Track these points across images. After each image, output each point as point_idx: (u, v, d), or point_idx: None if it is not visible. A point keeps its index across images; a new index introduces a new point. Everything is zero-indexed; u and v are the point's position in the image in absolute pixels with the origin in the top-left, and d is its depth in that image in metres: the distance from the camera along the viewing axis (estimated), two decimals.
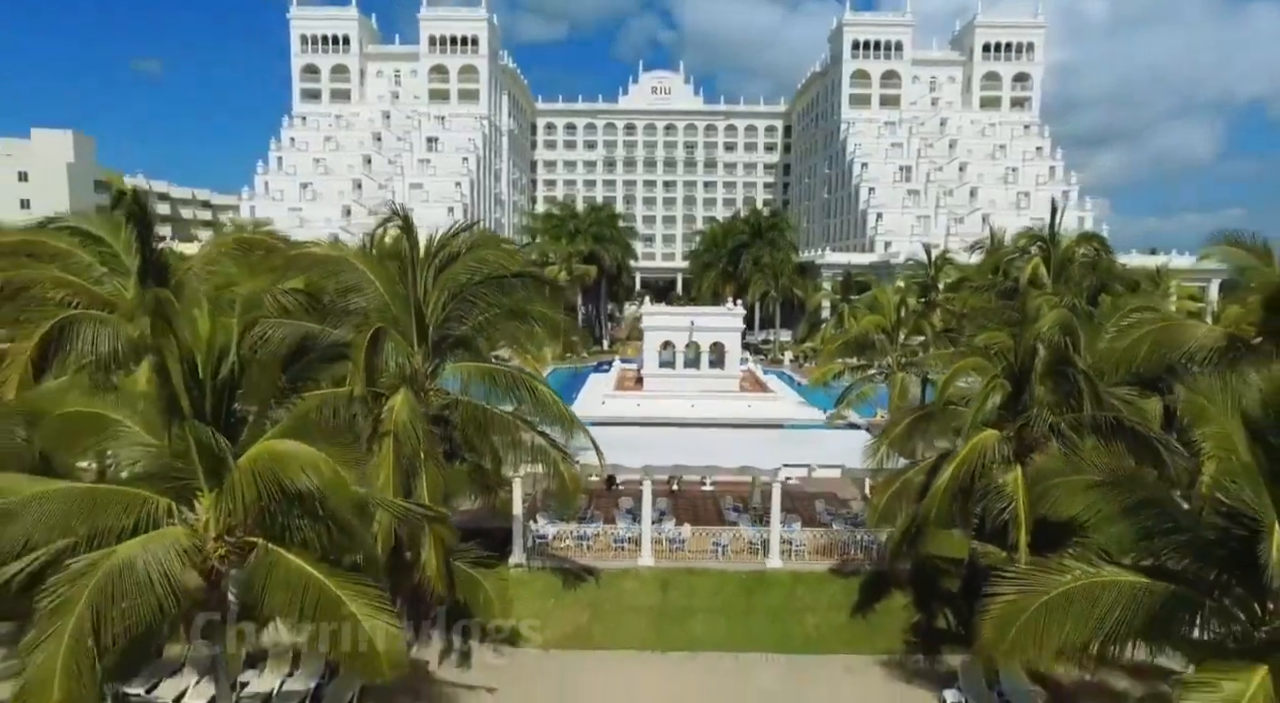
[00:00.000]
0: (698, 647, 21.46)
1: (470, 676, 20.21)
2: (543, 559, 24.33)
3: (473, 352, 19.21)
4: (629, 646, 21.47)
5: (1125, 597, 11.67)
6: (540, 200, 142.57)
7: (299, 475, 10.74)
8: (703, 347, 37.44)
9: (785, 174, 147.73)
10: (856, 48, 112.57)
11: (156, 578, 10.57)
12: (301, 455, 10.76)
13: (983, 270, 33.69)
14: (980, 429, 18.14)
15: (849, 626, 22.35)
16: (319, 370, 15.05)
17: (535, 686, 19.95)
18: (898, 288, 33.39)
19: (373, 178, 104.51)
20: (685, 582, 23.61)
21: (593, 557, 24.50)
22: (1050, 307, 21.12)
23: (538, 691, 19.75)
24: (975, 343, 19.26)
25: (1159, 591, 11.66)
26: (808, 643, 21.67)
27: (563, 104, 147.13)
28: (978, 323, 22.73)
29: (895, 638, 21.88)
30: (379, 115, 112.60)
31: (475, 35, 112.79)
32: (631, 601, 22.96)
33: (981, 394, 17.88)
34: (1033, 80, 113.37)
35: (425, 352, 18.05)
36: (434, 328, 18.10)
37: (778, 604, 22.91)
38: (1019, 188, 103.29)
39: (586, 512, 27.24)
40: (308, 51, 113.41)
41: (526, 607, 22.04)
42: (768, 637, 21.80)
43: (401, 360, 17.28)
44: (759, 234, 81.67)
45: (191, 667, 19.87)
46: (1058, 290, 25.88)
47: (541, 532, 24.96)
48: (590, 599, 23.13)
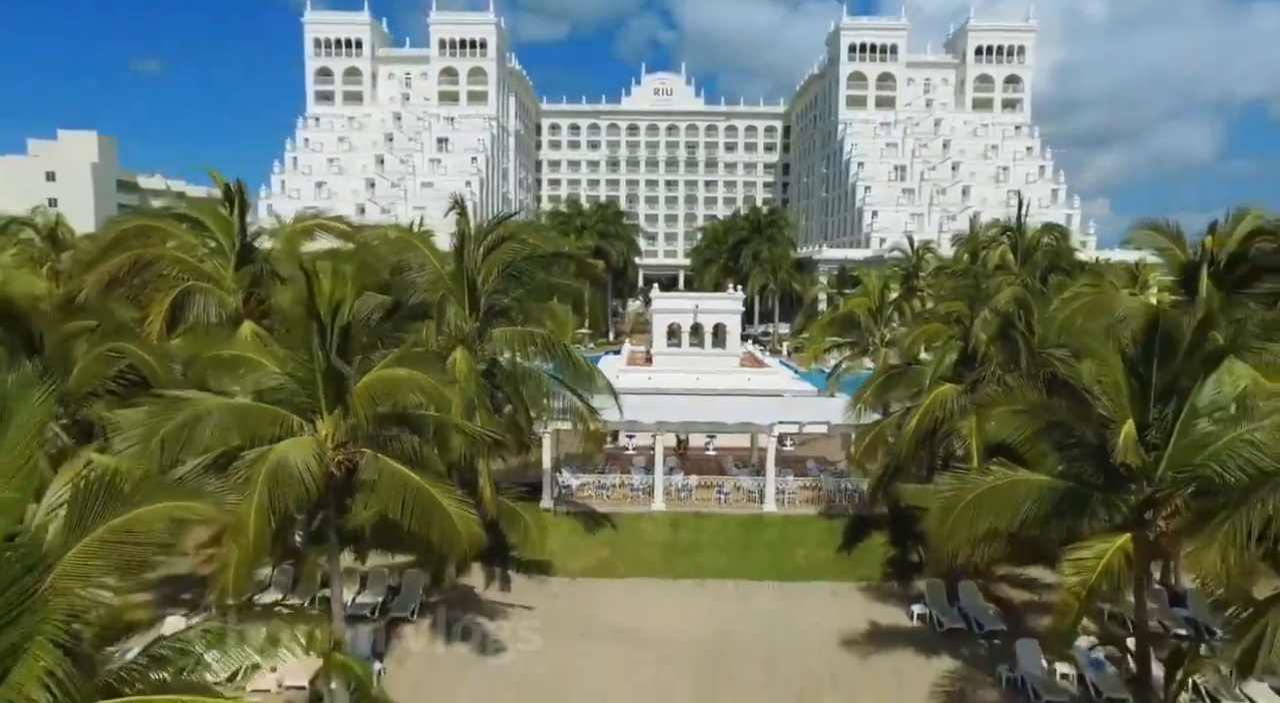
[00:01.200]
0: (704, 575, 25.10)
1: (510, 597, 23.88)
2: (568, 506, 27.93)
3: (513, 321, 22.84)
4: (644, 574, 25.09)
5: (1034, 492, 15.25)
6: (545, 199, 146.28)
7: (408, 393, 14.33)
8: (706, 327, 41.13)
9: (785, 173, 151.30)
10: (853, 50, 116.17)
11: (301, 471, 14.14)
12: (410, 378, 14.36)
13: (958, 258, 37.29)
14: (940, 384, 21.73)
15: (834, 559, 25.97)
16: (405, 327, 18.68)
17: (565, 606, 23.55)
18: (882, 274, 37.04)
19: (385, 176, 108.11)
20: (693, 523, 27.23)
21: (611, 505, 28.11)
22: (1008, 284, 24.77)
23: (568, 610, 23.33)
24: (938, 311, 22.81)
25: (1060, 487, 15.26)
26: (798, 572, 25.30)
27: (567, 105, 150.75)
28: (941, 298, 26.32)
29: (873, 568, 25.53)
30: (390, 116, 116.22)
31: (484, 39, 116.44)
32: (646, 538, 26.59)
33: (940, 352, 21.48)
34: (1024, 82, 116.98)
35: (476, 317, 21.66)
36: (485, 298, 21.72)
37: (772, 541, 26.52)
38: (1010, 186, 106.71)
39: (604, 467, 30.83)
40: (321, 55, 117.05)
41: (555, 544, 25.61)
42: (764, 567, 25.44)
43: (459, 324, 20.85)
44: (758, 230, 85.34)
45: (276, 587, 23.59)
46: (1019, 273, 29.43)
47: (566, 482, 28.57)
48: (610, 538, 26.76)
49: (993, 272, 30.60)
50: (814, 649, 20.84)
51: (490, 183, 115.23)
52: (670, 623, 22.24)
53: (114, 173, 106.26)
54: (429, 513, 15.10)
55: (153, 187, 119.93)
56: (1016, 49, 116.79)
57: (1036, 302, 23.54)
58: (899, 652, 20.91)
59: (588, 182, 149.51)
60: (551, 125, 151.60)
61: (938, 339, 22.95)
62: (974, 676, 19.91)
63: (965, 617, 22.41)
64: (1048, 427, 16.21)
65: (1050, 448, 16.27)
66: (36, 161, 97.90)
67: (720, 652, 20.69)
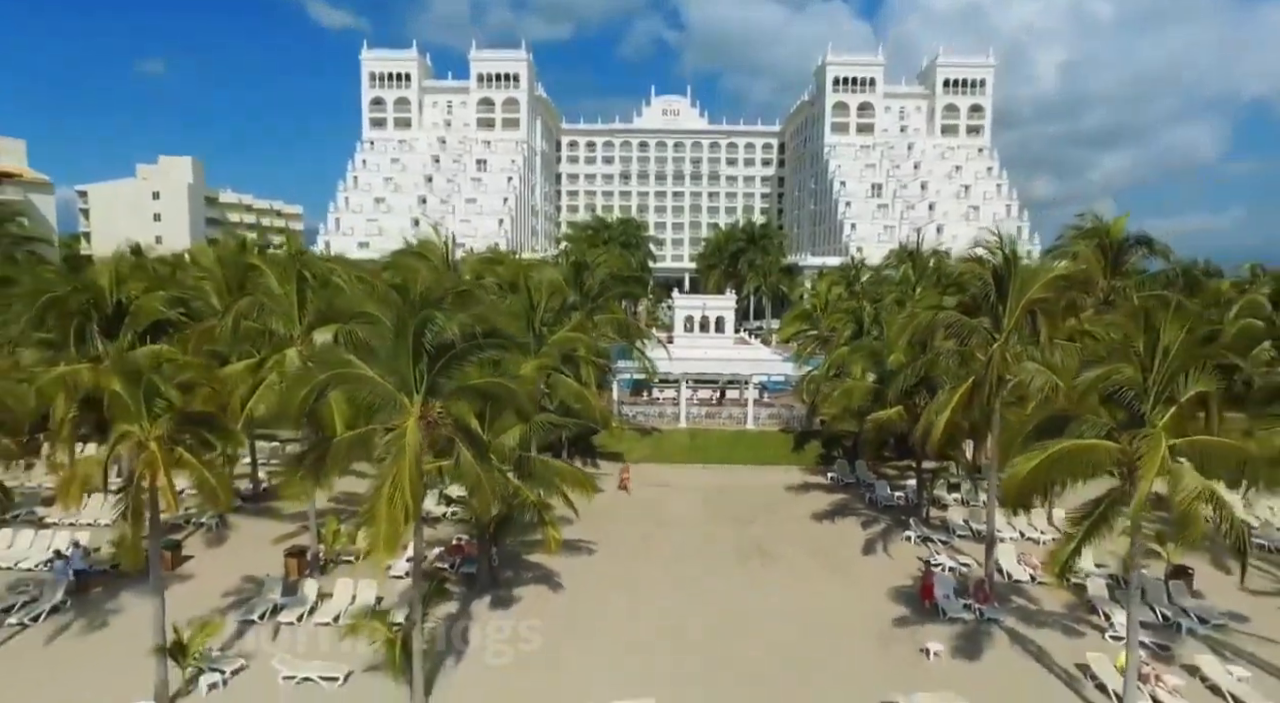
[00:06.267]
0: (709, 461, 42.92)
1: (601, 470, 41.55)
2: (627, 423, 45.73)
3: (604, 311, 40.60)
4: (675, 461, 42.88)
5: (869, 391, 33.09)
6: (565, 208, 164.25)
7: (582, 346, 32.10)
8: (710, 319, 58.93)
9: (780, 185, 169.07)
10: (837, 83, 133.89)
11: (412, 446, 31.69)
12: (581, 339, 32.08)
13: (879, 270, 55.00)
14: (842, 351, 39.35)
15: (787, 454, 43.80)
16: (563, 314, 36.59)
17: (633, 473, 41.10)
18: (830, 280, 54.65)
19: (434, 194, 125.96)
20: (704, 434, 45.09)
21: (652, 424, 45.90)
22: (889, 293, 42.59)
23: (635, 475, 40.77)
24: (841, 307, 40.66)
25: (873, 388, 33.06)
26: (765, 460, 43.13)
27: (585, 125, 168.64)
28: (850, 303, 44.09)
29: (810, 458, 43.40)
30: (435, 141, 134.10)
31: (517, 73, 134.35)
32: (675, 442, 44.42)
33: (841, 330, 39.25)
34: (985, 110, 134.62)
35: (584, 309, 39.42)
36: (589, 299, 39.53)
37: (751, 443, 44.40)
38: (970, 202, 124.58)
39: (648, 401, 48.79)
40: (375, 87, 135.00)
41: (622, 444, 43.31)
42: (745, 457, 43.28)
43: (575, 314, 38.51)
44: (753, 241, 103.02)
45: None
46: (906, 286, 46.92)
47: (625, 411, 46.43)
48: (654, 442, 44.56)
49: (890, 286, 47.92)
50: (772, 491, 38.60)
51: (521, 197, 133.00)
52: (690, 481, 40.08)
53: (202, 190, 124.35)
54: (584, 399, 32.79)
55: (227, 201, 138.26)
56: (979, 81, 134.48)
57: (890, 310, 41.00)
58: (817, 493, 38.68)
59: (603, 193, 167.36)
60: (570, 142, 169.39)
61: (843, 321, 40.72)
62: (851, 501, 37.62)
63: (856, 479, 40.18)
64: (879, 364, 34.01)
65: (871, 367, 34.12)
66: (145, 184, 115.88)
67: (718, 492, 38.45)
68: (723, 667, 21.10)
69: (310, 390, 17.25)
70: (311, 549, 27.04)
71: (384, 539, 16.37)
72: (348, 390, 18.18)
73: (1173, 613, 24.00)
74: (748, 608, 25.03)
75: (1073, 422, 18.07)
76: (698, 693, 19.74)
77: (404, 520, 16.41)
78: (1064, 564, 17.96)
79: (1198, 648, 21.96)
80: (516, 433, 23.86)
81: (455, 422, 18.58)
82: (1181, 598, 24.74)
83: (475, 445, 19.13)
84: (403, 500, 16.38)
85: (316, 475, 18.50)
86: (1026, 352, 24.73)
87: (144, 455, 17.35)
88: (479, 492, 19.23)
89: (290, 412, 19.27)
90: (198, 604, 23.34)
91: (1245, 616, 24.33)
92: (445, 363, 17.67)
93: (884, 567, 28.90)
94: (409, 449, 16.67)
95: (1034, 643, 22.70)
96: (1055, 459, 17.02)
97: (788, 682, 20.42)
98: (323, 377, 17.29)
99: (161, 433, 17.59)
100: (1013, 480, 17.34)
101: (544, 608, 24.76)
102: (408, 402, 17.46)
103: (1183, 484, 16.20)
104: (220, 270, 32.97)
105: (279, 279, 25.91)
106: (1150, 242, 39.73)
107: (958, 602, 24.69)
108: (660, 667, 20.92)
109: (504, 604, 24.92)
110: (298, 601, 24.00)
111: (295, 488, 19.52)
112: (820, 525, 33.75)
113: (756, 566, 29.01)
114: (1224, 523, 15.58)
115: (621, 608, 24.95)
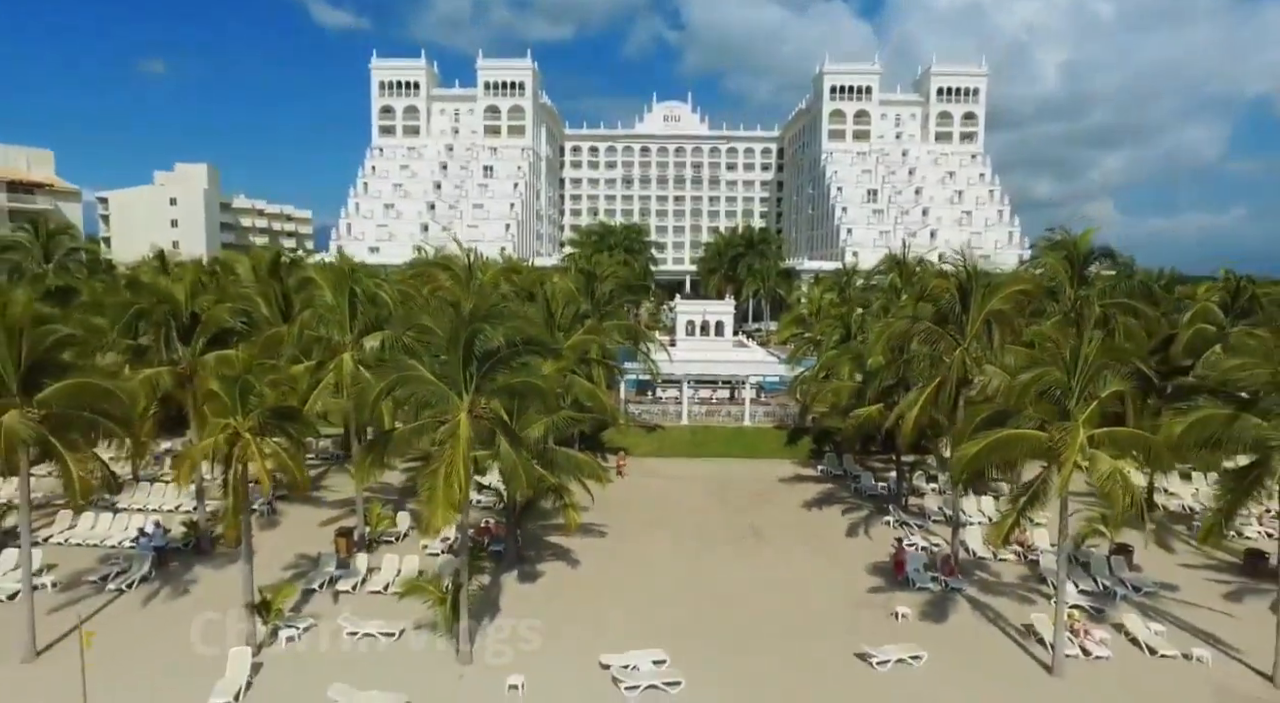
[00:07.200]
0: (709, 456, 46.49)
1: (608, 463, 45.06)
2: (634, 421, 49.30)
3: (612, 317, 44.16)
4: (678, 455, 46.46)
5: (854, 389, 36.65)
6: (568, 213, 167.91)
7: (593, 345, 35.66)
8: (710, 323, 62.49)
9: (779, 190, 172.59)
10: (834, 91, 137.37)
11: (465, 437, 35.15)
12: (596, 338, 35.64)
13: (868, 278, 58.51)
14: (831, 353, 42.87)
15: (780, 448, 47.38)
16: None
17: (639, 466, 44.63)
18: (822, 286, 58.23)
19: (443, 200, 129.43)
20: (704, 431, 48.71)
21: (656, 421, 49.48)
22: (877, 300, 46.18)
23: (640, 467, 44.40)
24: (832, 313, 44.24)
25: (857, 387, 36.63)
26: (762, 453, 46.71)
27: (588, 130, 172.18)
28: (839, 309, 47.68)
29: (802, 452, 46.98)
30: (443, 148, 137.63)
31: (522, 81, 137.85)
32: (678, 438, 48.01)
33: (829, 334, 42.83)
34: (978, 118, 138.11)
35: (596, 315, 42.98)
36: (599, 307, 43.11)
37: (748, 439, 48.00)
38: (963, 207, 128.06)
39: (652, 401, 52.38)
40: (385, 95, 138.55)
41: (627, 440, 46.90)
42: (742, 452, 46.85)
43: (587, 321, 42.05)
44: (752, 246, 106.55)
45: None
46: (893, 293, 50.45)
47: (632, 409, 50.03)
48: (658, 438, 48.16)
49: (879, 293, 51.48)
50: (766, 482, 42.15)
51: (527, 202, 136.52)
52: (691, 473, 43.68)
53: (217, 196, 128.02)
54: (596, 397, 36.35)
55: (240, 206, 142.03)
56: (972, 90, 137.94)
57: (873, 316, 44.57)
58: (807, 483, 42.25)
59: (605, 197, 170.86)
60: (574, 147, 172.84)
61: (832, 327, 44.30)
62: (838, 491, 41.17)
63: (844, 471, 43.75)
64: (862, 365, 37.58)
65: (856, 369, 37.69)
66: (163, 190, 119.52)
67: (717, 483, 41.98)
68: (720, 625, 24.69)
69: (383, 389, 20.89)
70: (358, 530, 30.66)
71: (441, 511, 20.06)
72: (407, 390, 21.74)
73: (1111, 583, 27.61)
74: (742, 579, 28.65)
75: (1012, 416, 21.71)
76: (698, 644, 23.32)
77: (458, 496, 20.06)
78: (1005, 534, 21.61)
79: (1128, 611, 25.54)
80: (540, 426, 27.45)
81: (495, 416, 22.21)
82: (1121, 571, 28.32)
83: (511, 437, 22.78)
84: (457, 480, 20.05)
85: (381, 460, 22.20)
86: (986, 356, 28.34)
87: (240, 443, 20.97)
88: (515, 477, 22.85)
89: (365, 405, 22.90)
90: (262, 577, 26.89)
91: (1176, 585, 27.94)
92: (490, 366, 21.28)
93: (864, 547, 32.49)
94: (462, 439, 20.31)
95: (991, 608, 26.30)
96: (994, 445, 20.65)
97: (775, 637, 24.00)
98: (392, 377, 20.91)
99: (254, 424, 21.23)
100: (959, 462, 20.97)
101: (563, 579, 28.39)
102: (459, 399, 21.08)
103: (1097, 467, 19.85)
104: (267, 282, 36.59)
105: (333, 292, 29.44)
106: (1113, 253, 43.30)
107: (926, 575, 28.26)
108: (666, 625, 24.50)
109: (529, 578, 28.52)
110: (351, 572, 27.63)
111: (365, 472, 23.06)
112: (809, 512, 37.34)
113: (750, 545, 32.61)
114: (1126, 497, 19.16)
115: (632, 579, 28.57)
